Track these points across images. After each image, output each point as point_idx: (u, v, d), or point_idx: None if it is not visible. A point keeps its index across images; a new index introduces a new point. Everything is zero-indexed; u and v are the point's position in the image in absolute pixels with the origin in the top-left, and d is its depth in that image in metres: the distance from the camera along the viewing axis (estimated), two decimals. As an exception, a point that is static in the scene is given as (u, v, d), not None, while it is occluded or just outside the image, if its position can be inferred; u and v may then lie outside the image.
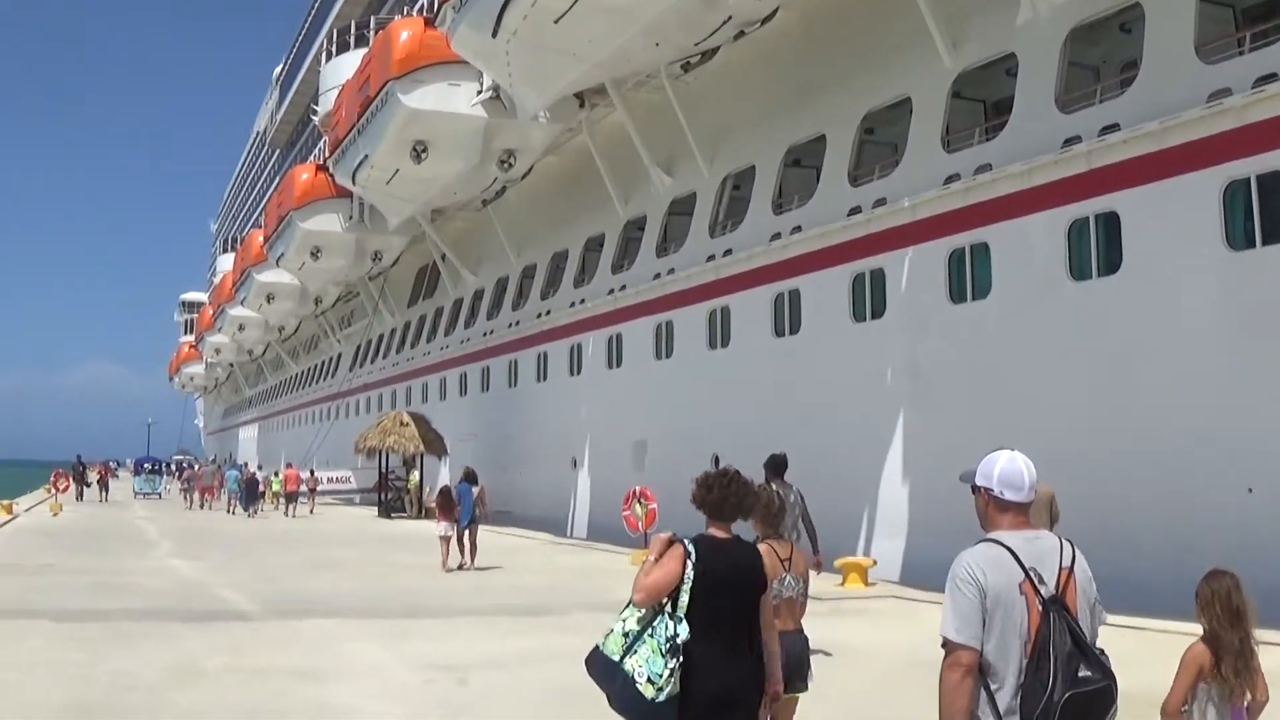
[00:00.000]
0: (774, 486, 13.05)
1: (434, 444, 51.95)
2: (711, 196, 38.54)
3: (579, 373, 45.55)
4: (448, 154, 46.22)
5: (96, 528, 41.84)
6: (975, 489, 5.49)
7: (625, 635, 6.39)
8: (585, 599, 20.74)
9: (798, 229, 33.37)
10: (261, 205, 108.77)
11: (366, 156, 49.05)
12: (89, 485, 67.11)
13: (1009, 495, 5.33)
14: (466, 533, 28.56)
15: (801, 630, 8.54)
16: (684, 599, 6.34)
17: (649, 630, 6.34)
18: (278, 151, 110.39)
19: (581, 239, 47.52)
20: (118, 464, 79.12)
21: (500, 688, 13.11)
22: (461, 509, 28.38)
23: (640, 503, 30.24)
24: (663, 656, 6.23)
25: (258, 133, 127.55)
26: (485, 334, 56.00)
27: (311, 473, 60.93)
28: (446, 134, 45.23)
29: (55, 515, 48.29)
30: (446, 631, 17.40)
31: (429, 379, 64.48)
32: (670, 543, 6.54)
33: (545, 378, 48.79)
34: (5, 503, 48.71)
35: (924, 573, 24.46)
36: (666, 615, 6.34)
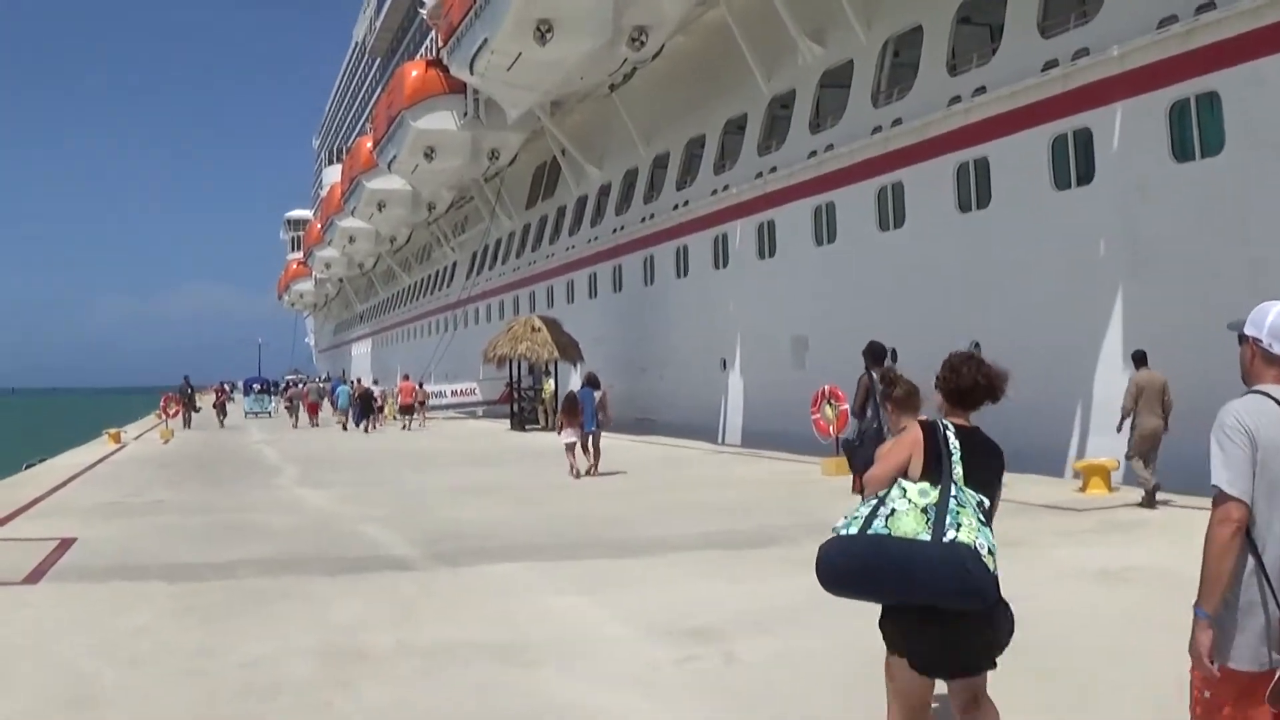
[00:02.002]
0: (875, 375, 14.12)
1: (568, 349, 48.47)
2: (871, 64, 34.82)
3: (725, 265, 41.89)
4: (574, 33, 42.18)
5: (211, 454, 38.43)
6: (1242, 339, 4.97)
7: (924, 511, 5.68)
8: (802, 520, 16.85)
9: (980, 90, 29.64)
10: (364, 117, 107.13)
11: (485, 41, 45.05)
12: (198, 410, 62.81)
13: (1279, 348, 4.83)
14: (590, 438, 27.54)
15: None
16: (958, 470, 5.85)
17: (954, 499, 5.72)
18: (378, 60, 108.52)
19: (720, 122, 43.67)
20: (232, 386, 76.36)
21: (785, 663, 9.27)
22: (585, 415, 27.46)
23: (830, 404, 26.38)
24: (986, 525, 5.70)
25: (357, 42, 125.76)
26: (615, 230, 52.36)
27: (420, 385, 58.52)
28: (573, 9, 41.18)
29: (166, 442, 45.10)
30: (662, 574, 13.61)
31: (554, 282, 60.99)
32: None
33: (685, 273, 45.12)
34: (113, 431, 45.77)
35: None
36: (957, 485, 5.79)
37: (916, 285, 31.38)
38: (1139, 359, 20.12)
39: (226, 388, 66.45)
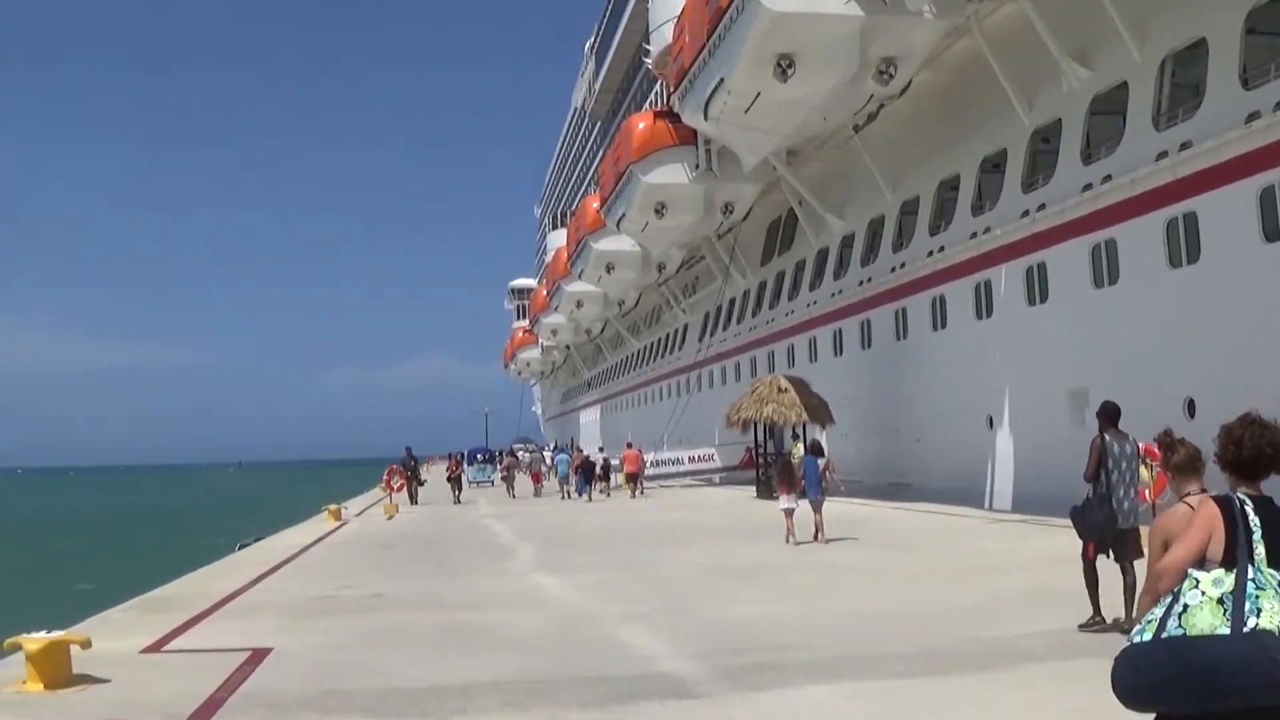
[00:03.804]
0: (1108, 437, 13.67)
1: (818, 411, 45.21)
2: (1149, 84, 31.25)
3: (989, 314, 38.36)
4: (819, 67, 38.72)
5: (437, 533, 35.81)
6: None
7: (1219, 601, 5.09)
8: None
9: (1288, 104, 26.03)
10: (586, 181, 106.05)
11: (721, 81, 41.89)
12: (423, 483, 57.81)
13: None
14: (814, 506, 27.14)
15: None
16: (1260, 550, 5.25)
17: (1251, 582, 5.10)
18: (599, 124, 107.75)
19: (975, 160, 40.21)
20: (464, 456, 73.69)
21: None
22: (808, 482, 27.26)
23: (1147, 464, 22.91)
24: None
25: (575, 108, 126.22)
26: (861, 283, 49.00)
27: (639, 453, 56.08)
28: (817, 41, 37.75)
29: (390, 518, 42.82)
30: (1043, 702, 10.41)
31: (794, 340, 57.79)
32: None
33: (944, 325, 41.65)
34: (333, 507, 43.33)
35: None
36: (1256, 567, 5.18)
37: (1217, 329, 27.79)
38: None
39: (459, 458, 62.78)
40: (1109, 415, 14.02)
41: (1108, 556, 13.85)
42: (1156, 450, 18.98)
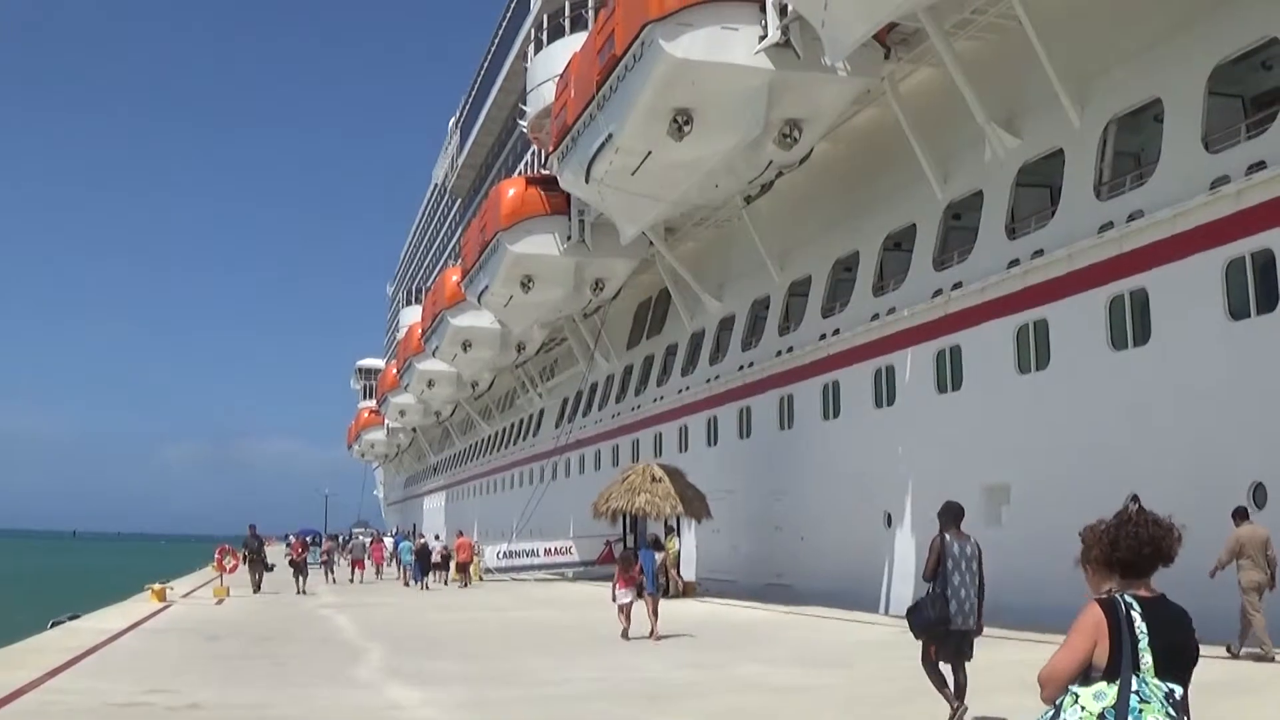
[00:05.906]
0: (948, 537, 13.53)
1: (694, 503, 41.68)
2: (1089, 152, 28.68)
3: (890, 403, 35.34)
4: (719, 125, 35.14)
5: (271, 624, 31.47)
6: None
7: (1100, 717, 4.90)
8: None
9: (1258, 166, 23.51)
10: (444, 258, 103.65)
11: (610, 138, 37.94)
12: (270, 567, 48.89)
13: None
14: (649, 600, 26.70)
15: None
16: (1147, 658, 4.98)
17: (1135, 696, 4.90)
18: (459, 200, 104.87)
19: (878, 236, 37.41)
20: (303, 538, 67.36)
21: None
22: (646, 576, 26.85)
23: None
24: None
25: (436, 184, 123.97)
26: (741, 367, 45.76)
27: (471, 542, 55.51)
28: (721, 95, 34.11)
29: (219, 602, 38.61)
30: None
31: (662, 428, 54.37)
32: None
33: (836, 413, 38.44)
34: (157, 587, 38.75)
35: None
36: (1138, 677, 4.96)
37: (1165, 417, 25.12)
38: (1239, 514, 19.43)
39: (307, 541, 56.75)
40: (952, 515, 13.88)
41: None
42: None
